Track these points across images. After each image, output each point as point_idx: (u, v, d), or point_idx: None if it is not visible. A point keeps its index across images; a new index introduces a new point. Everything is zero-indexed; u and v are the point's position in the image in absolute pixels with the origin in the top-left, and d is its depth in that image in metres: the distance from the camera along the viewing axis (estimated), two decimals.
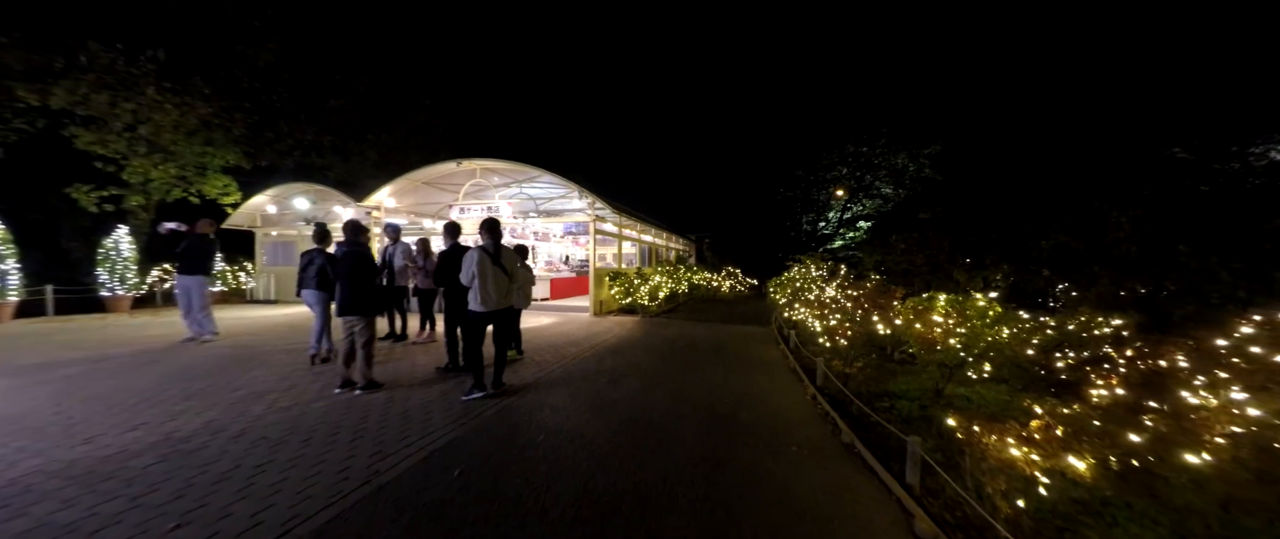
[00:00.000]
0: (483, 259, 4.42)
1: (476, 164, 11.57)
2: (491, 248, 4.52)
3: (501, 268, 4.55)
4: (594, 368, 5.68)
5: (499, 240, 4.69)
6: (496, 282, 4.47)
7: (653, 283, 11.60)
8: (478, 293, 4.42)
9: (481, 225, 4.79)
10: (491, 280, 4.44)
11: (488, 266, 4.43)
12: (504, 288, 4.57)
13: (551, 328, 8.88)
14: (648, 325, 9.53)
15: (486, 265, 4.43)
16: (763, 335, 8.77)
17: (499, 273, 4.50)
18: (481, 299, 4.41)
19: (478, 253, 4.46)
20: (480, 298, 4.41)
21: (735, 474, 2.94)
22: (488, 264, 4.44)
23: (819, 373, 5.00)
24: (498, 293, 4.49)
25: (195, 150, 11.33)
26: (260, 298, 14.58)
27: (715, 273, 19.03)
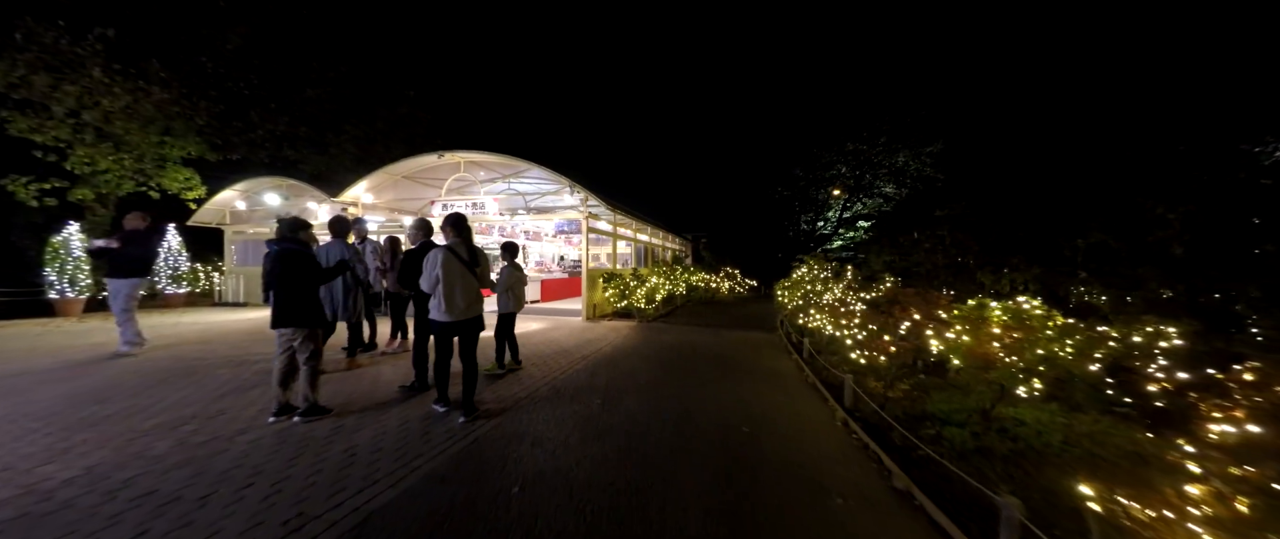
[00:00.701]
0: (448, 260, 3.69)
1: (460, 157, 10.78)
2: (459, 247, 3.80)
3: (470, 271, 3.82)
4: (586, 383, 4.93)
5: (468, 238, 3.97)
6: (465, 287, 3.75)
7: (649, 285, 10.87)
8: (440, 300, 3.69)
9: (446, 221, 4.04)
10: (459, 286, 3.71)
11: (454, 269, 3.71)
12: (472, 294, 3.84)
13: (541, 335, 8.12)
14: (645, 331, 8.80)
15: (453, 267, 3.71)
16: (770, 343, 8.08)
17: (466, 277, 3.78)
18: (445, 307, 3.68)
19: (441, 253, 3.72)
20: (444, 306, 3.68)
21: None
22: (454, 266, 3.72)
23: (847, 392, 4.30)
24: (465, 300, 3.76)
25: (151, 140, 10.41)
26: (229, 300, 13.65)
27: (713, 274, 18.35)
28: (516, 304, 5.25)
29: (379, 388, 4.77)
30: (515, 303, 5.24)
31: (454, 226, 3.98)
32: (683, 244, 22.99)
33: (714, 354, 6.82)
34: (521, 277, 5.31)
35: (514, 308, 5.24)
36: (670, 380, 5.20)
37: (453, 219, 4.06)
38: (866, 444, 3.51)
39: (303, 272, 3.79)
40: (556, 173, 9.89)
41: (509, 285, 5.17)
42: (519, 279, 5.26)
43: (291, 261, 3.74)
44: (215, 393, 4.37)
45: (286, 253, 3.76)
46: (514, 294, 5.23)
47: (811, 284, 8.62)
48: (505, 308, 5.22)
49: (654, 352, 6.82)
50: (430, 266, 3.76)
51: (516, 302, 5.25)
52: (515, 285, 5.22)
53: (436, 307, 3.76)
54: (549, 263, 18.51)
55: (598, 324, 9.58)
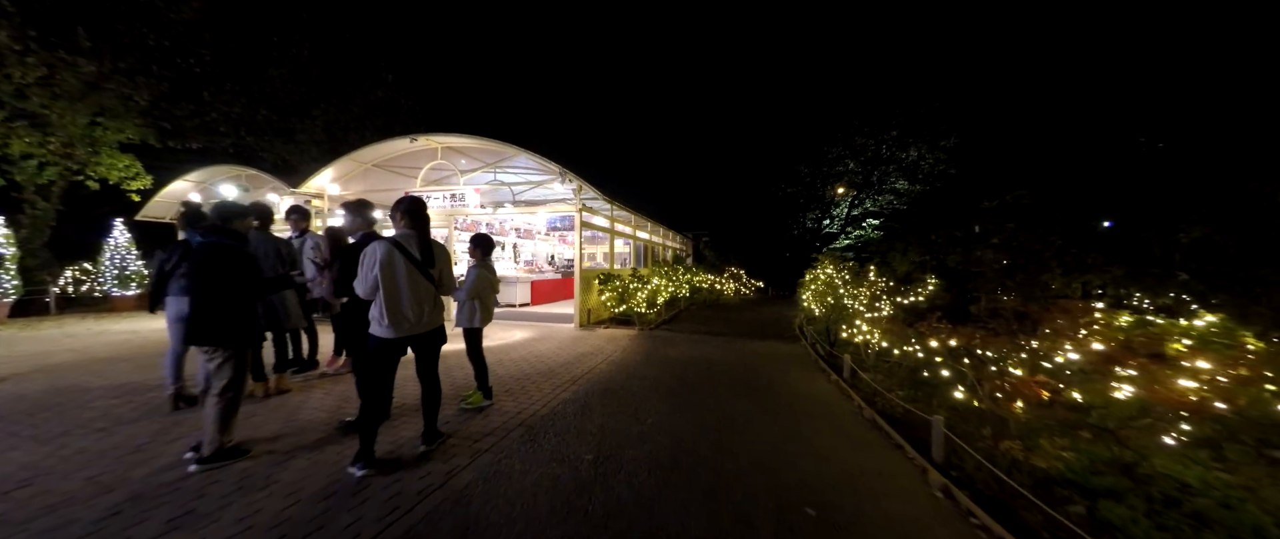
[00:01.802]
0: (391, 257, 2.76)
1: (437, 141, 9.49)
2: (409, 241, 2.87)
3: (423, 272, 2.87)
4: (574, 426, 3.67)
5: (423, 230, 2.99)
6: (416, 291, 2.83)
7: (651, 287, 9.63)
8: (382, 308, 2.74)
9: (396, 206, 2.98)
10: (408, 291, 2.79)
11: (399, 269, 2.77)
12: (428, 301, 2.91)
13: (524, 347, 6.85)
14: (647, 342, 7.54)
15: (398, 267, 2.77)
16: (795, 356, 6.84)
17: (418, 279, 2.84)
18: (390, 318, 2.74)
19: (383, 248, 2.74)
20: (388, 316, 2.74)
21: None
22: (399, 265, 2.77)
23: (937, 439, 3.06)
24: (418, 309, 2.84)
25: (80, 121, 9.05)
26: None
27: (717, 274, 17.12)
28: (483, 317, 3.98)
29: (312, 422, 3.57)
30: (482, 315, 3.97)
31: (406, 214, 2.94)
32: (684, 242, 21.76)
33: (734, 374, 5.57)
34: (493, 281, 4.04)
35: (480, 322, 3.97)
36: (685, 416, 3.95)
37: (404, 204, 2.97)
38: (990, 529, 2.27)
39: (235, 273, 2.91)
40: (546, 160, 8.62)
41: (476, 292, 3.91)
42: (489, 285, 3.99)
43: (221, 260, 2.89)
44: (86, 428, 3.08)
45: (215, 249, 2.90)
46: (481, 304, 3.96)
47: (843, 288, 7.38)
48: (468, 321, 3.96)
49: (660, 371, 5.57)
50: (368, 265, 2.72)
51: (484, 314, 3.99)
52: (484, 293, 3.96)
53: (377, 318, 2.75)
54: (541, 262, 17.25)
55: (593, 333, 8.32)
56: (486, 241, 4.01)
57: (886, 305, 7.74)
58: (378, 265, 2.74)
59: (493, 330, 8.30)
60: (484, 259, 4.00)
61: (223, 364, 2.83)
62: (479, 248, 3.98)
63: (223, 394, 2.83)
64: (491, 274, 4.00)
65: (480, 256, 3.99)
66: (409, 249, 2.88)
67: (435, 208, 9.75)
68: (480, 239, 3.99)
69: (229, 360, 2.85)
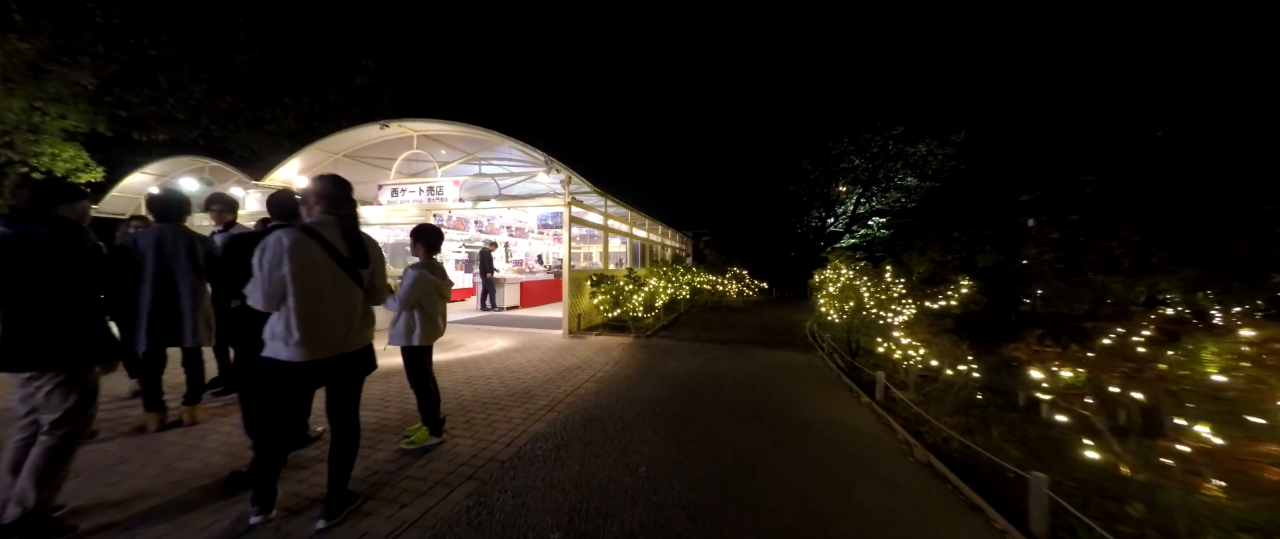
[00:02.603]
0: (303, 253, 1.96)
1: (411, 128, 8.59)
2: (329, 230, 2.08)
3: (350, 273, 2.11)
4: (542, 478, 2.79)
5: (349, 217, 2.20)
6: (343, 298, 2.09)
7: (649, 288, 8.75)
8: (290, 321, 1.95)
9: (312, 188, 2.18)
10: (326, 298, 2.03)
11: (318, 269, 2.00)
12: (356, 312, 2.16)
13: (501, 359, 5.96)
14: (643, 353, 6.66)
15: (315, 266, 2.00)
16: (812, 369, 5.96)
17: (344, 282, 2.10)
18: (303, 334, 1.96)
19: (291, 237, 1.95)
20: (300, 331, 1.96)
21: None
22: (317, 263, 2.00)
23: (1036, 504, 2.19)
24: (341, 322, 2.09)
25: (15, 105, 8.14)
26: None
27: (719, 274, 16.24)
28: (426, 332, 3.08)
29: (195, 470, 2.69)
30: (424, 330, 3.07)
31: (324, 197, 2.13)
32: (683, 241, 20.88)
33: (746, 394, 4.69)
34: (441, 287, 3.13)
35: (423, 339, 3.07)
36: (689, 459, 3.07)
37: (325, 186, 2.16)
38: None
39: (55, 272, 2.15)
40: (531, 147, 7.73)
41: (415, 300, 3.01)
42: (435, 291, 3.09)
43: (32, 255, 2.11)
44: None
45: (24, 241, 2.11)
46: (423, 315, 3.06)
47: (867, 291, 6.49)
48: (403, 338, 3.06)
49: (657, 391, 4.68)
50: (269, 264, 1.92)
51: (427, 328, 3.08)
52: (426, 301, 3.06)
53: (281, 334, 1.97)
54: (531, 262, 16.37)
55: (582, 341, 7.42)
56: (431, 235, 3.11)
57: (909, 310, 6.89)
58: (285, 262, 1.90)
59: (469, 337, 7.41)
60: (429, 258, 3.11)
61: (52, 392, 2.10)
62: (422, 242, 3.08)
63: (54, 431, 2.09)
64: (439, 277, 3.09)
65: (424, 254, 3.09)
66: (328, 241, 2.02)
67: (411, 201, 8.86)
68: (423, 232, 3.09)
69: (60, 386, 2.11)
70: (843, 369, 5.84)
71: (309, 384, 2.11)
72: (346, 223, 2.14)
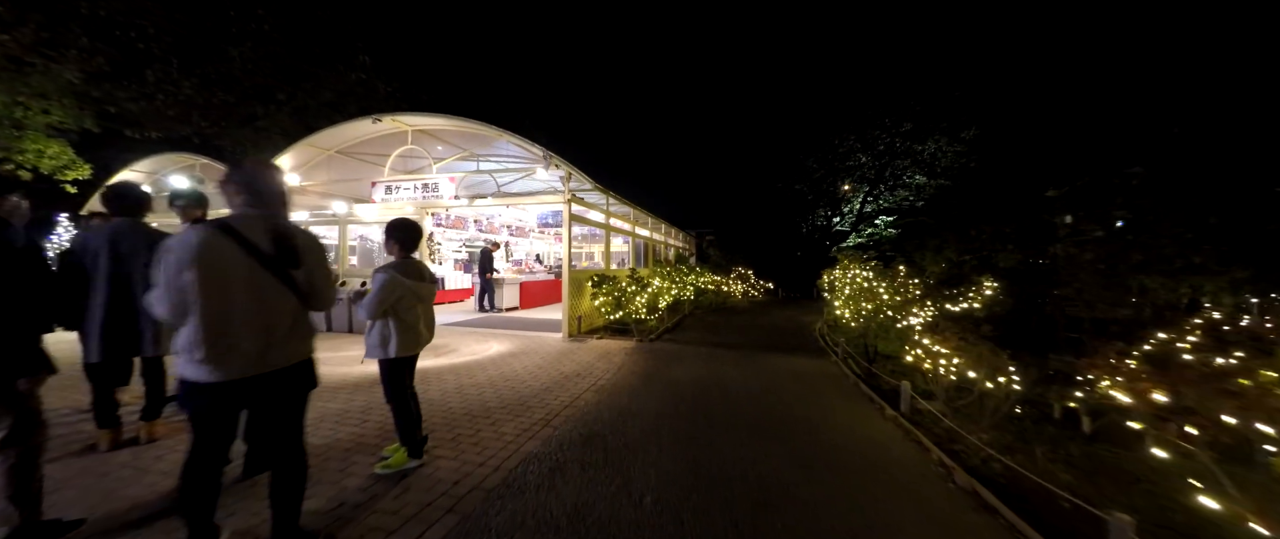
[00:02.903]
0: (210, 252, 1.61)
1: (405, 123, 8.27)
2: (251, 226, 1.73)
3: (278, 275, 1.75)
4: (533, 510, 2.43)
5: (275, 211, 1.82)
6: (262, 305, 1.72)
7: (652, 289, 8.39)
8: (198, 333, 1.61)
9: (231, 177, 1.79)
10: (245, 303, 1.68)
11: (231, 272, 1.65)
12: (282, 321, 1.77)
13: (496, 366, 5.61)
14: (646, 358, 6.30)
15: (224, 268, 1.64)
16: (828, 377, 5.59)
17: (267, 286, 1.73)
18: (209, 349, 1.61)
19: (199, 236, 1.61)
20: (206, 346, 1.61)
21: None
22: (231, 263, 1.66)
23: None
24: (262, 334, 1.71)
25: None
26: None
27: (723, 274, 15.86)
28: (403, 342, 2.71)
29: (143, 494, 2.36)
30: (401, 340, 2.71)
31: (244, 187, 1.76)
32: (686, 241, 20.52)
33: (759, 406, 4.32)
34: (419, 290, 2.76)
35: (401, 350, 2.71)
36: (701, 483, 2.71)
37: (245, 173, 1.79)
38: None
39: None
40: (529, 142, 7.38)
41: (387, 306, 2.66)
42: (412, 295, 2.72)
43: None
44: None
45: None
46: (400, 323, 2.70)
47: (886, 293, 6.10)
48: (380, 349, 2.71)
49: (663, 403, 4.32)
50: (172, 268, 1.59)
51: (405, 338, 2.72)
52: (401, 307, 2.69)
53: (188, 350, 1.61)
54: (530, 261, 16.05)
55: (583, 345, 7.07)
56: (406, 231, 2.75)
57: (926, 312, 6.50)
58: (190, 263, 1.55)
59: (465, 341, 7.07)
60: (405, 256, 2.75)
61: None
62: (396, 239, 2.73)
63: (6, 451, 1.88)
64: (415, 279, 2.72)
65: (399, 252, 2.74)
66: (251, 239, 1.67)
67: (406, 199, 8.53)
68: (397, 228, 2.74)
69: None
70: (860, 376, 5.46)
71: (226, 408, 1.74)
72: (271, 216, 1.78)
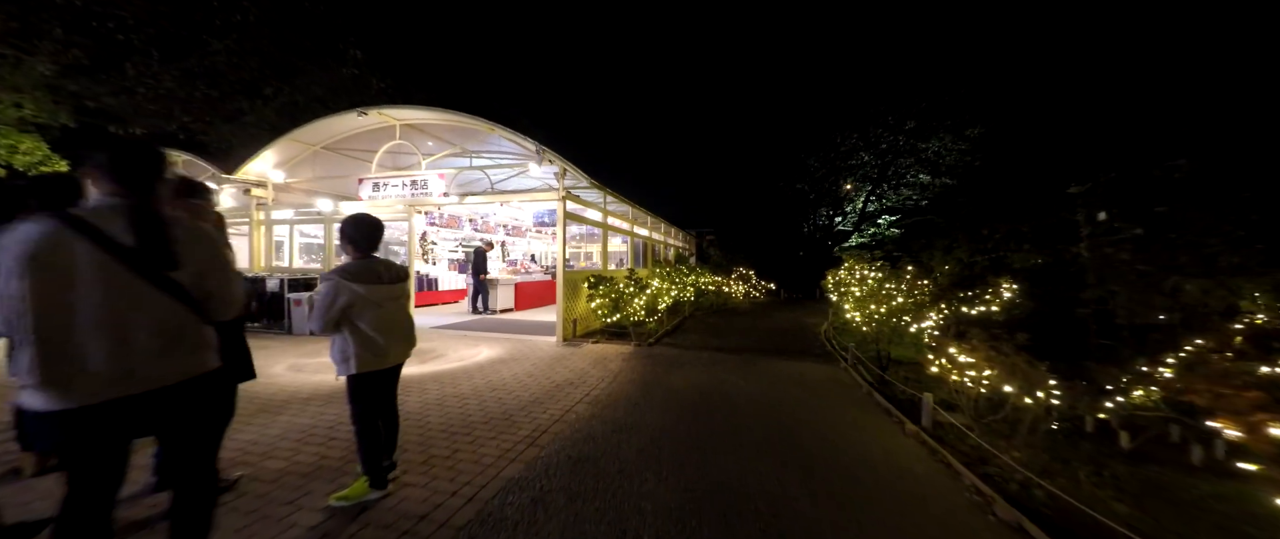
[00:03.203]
0: (48, 252, 1.22)
1: (393, 117, 7.91)
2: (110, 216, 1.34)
3: (151, 275, 1.36)
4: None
5: (145, 198, 1.44)
6: (124, 316, 1.32)
7: (651, 291, 8.04)
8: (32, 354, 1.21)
9: (91, 156, 1.44)
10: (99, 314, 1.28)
11: (78, 275, 1.26)
12: (156, 335, 1.37)
13: (484, 373, 5.26)
14: (646, 364, 5.95)
15: (68, 270, 1.25)
16: (838, 384, 5.23)
17: (132, 292, 1.33)
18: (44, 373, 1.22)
19: (36, 234, 1.22)
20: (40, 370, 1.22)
21: None
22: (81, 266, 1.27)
23: None
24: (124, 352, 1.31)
25: None
26: None
27: (724, 275, 15.51)
28: (364, 356, 2.34)
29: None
30: (364, 355, 2.33)
31: (107, 170, 1.42)
32: (686, 240, 20.18)
33: (768, 420, 3.96)
34: (373, 295, 2.32)
35: (361, 365, 2.34)
36: (706, 519, 2.35)
37: (107, 155, 1.44)
38: None
39: None
40: (522, 136, 7.02)
41: (338, 315, 2.28)
42: (366, 303, 2.33)
43: None
44: None
45: None
46: (357, 336, 2.32)
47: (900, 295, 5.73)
48: (341, 365, 2.34)
49: (663, 416, 3.97)
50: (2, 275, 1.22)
51: (366, 352, 2.34)
52: (356, 316, 2.31)
53: (24, 373, 1.24)
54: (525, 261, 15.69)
55: (577, 350, 6.71)
56: (361, 228, 2.37)
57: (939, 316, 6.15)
58: (20, 264, 1.21)
59: (454, 345, 6.70)
60: (364, 255, 2.39)
61: None
62: (348, 239, 2.37)
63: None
64: (368, 283, 2.30)
65: (354, 253, 2.38)
66: (106, 231, 1.31)
67: (394, 196, 8.18)
68: (351, 225, 2.37)
69: None
70: (873, 385, 5.10)
71: (92, 441, 1.36)
72: (140, 204, 1.40)
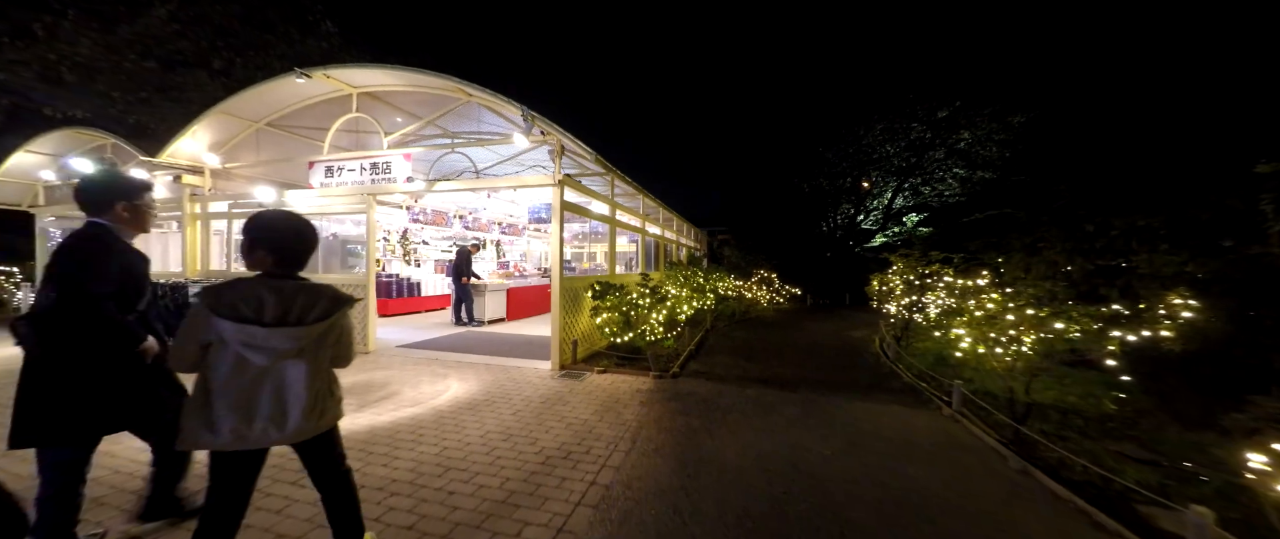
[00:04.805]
0: None
1: (343, 80, 6.28)
2: None
3: None
4: None
5: None
6: None
7: (671, 300, 6.37)
8: None
9: None
10: None
11: None
12: None
13: (443, 431, 3.59)
14: (675, 411, 4.27)
15: None
16: (957, 443, 3.53)
17: None
18: None
19: None
20: None
21: None
22: None
23: None
24: None
25: None
26: None
27: (743, 279, 13.82)
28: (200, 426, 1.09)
29: None
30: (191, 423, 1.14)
31: None
32: (698, 239, 18.49)
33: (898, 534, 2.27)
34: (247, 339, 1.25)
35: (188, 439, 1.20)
36: None
37: None
38: None
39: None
40: (505, 99, 5.34)
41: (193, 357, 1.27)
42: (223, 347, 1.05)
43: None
44: None
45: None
46: (197, 393, 1.11)
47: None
48: None
49: (716, 528, 2.28)
50: None
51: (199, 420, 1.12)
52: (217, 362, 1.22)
53: None
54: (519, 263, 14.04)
55: (579, 382, 5.03)
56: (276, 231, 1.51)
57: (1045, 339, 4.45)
58: None
59: (416, 376, 4.98)
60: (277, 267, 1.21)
61: None
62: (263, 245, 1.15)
63: None
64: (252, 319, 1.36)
65: (270, 264, 0.99)
66: None
67: (350, 183, 6.54)
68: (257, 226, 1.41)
69: None
70: (1010, 445, 3.41)
71: None
72: None
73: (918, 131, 20.40)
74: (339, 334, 1.61)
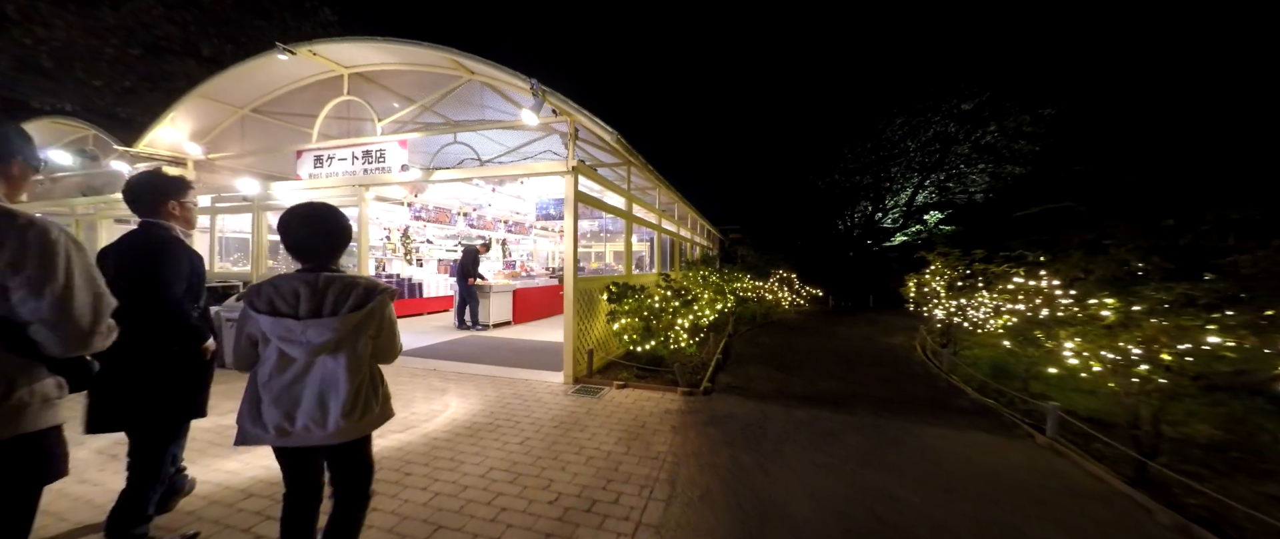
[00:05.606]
0: None
1: (331, 58, 5.67)
2: None
3: None
4: None
5: None
6: None
7: (697, 304, 5.68)
8: None
9: None
10: None
11: None
12: None
13: (432, 472, 2.92)
14: (717, 441, 3.58)
15: None
16: (1078, 489, 2.81)
17: None
18: None
19: None
20: None
21: None
22: None
23: None
24: None
25: None
26: None
27: (762, 279, 13.09)
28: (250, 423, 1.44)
29: None
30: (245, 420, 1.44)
31: None
32: (711, 239, 17.77)
33: None
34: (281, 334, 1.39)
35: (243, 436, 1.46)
36: None
37: None
38: None
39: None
40: (509, 71, 4.68)
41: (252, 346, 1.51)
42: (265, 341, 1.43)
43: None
44: None
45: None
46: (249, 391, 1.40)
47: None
48: None
49: None
50: None
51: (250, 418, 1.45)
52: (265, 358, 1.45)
53: None
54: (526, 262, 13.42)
55: (597, 400, 4.35)
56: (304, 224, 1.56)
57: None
58: None
59: (409, 391, 4.31)
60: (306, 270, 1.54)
61: None
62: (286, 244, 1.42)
63: None
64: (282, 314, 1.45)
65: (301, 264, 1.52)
66: None
67: (341, 173, 5.93)
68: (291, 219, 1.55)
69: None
70: (1133, 485, 2.69)
71: None
72: None
73: (940, 125, 19.55)
74: (379, 325, 1.55)
